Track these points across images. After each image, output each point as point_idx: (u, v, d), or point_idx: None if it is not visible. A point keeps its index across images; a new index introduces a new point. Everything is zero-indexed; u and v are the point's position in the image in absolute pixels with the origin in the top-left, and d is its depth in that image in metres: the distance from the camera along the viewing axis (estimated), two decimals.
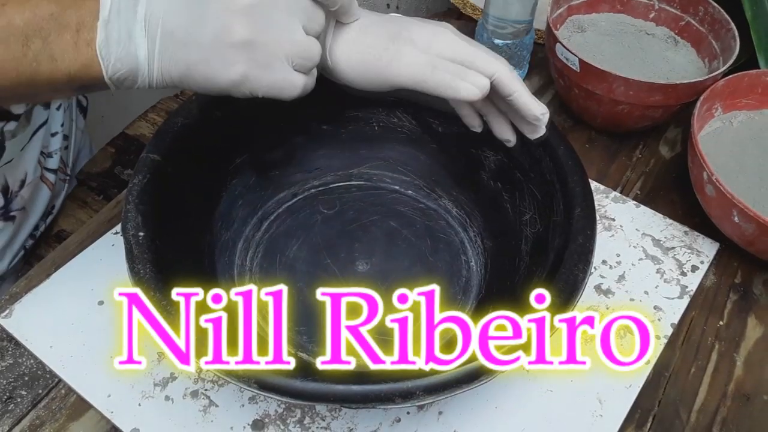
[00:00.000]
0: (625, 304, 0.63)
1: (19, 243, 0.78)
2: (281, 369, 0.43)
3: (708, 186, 0.63)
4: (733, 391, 0.58)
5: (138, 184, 0.52)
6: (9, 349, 0.58)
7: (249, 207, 0.65)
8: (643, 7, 0.82)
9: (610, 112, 0.74)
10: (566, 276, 0.49)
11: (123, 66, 0.44)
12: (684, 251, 0.67)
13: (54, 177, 0.82)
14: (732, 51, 0.73)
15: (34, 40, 0.42)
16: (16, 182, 0.75)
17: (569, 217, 0.54)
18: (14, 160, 0.74)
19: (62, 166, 0.85)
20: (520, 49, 0.80)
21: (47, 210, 0.82)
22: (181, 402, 0.55)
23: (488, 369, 0.44)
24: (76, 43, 0.43)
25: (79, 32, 0.43)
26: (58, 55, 0.43)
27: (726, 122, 0.73)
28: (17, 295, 0.61)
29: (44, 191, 0.81)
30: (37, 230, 0.81)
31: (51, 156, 0.82)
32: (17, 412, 0.54)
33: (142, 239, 0.49)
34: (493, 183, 0.65)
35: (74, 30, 0.43)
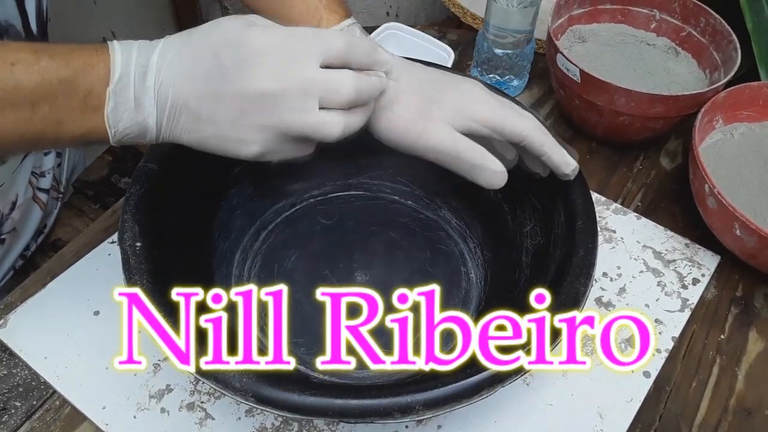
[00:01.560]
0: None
1: (8, 264, 0.77)
2: (279, 381, 0.43)
3: (709, 198, 0.62)
4: (734, 406, 0.58)
5: (135, 194, 0.52)
6: (3, 360, 0.57)
7: (247, 217, 0.65)
8: (644, 17, 0.82)
9: (611, 123, 0.74)
10: (568, 289, 0.49)
11: (131, 131, 0.45)
12: (685, 264, 0.67)
13: (46, 196, 0.81)
14: (733, 62, 0.72)
15: (41, 105, 0.42)
16: (6, 205, 0.74)
17: (571, 229, 0.53)
18: (5, 184, 0.73)
19: (55, 185, 0.83)
20: (520, 59, 0.80)
21: (39, 229, 0.81)
22: (176, 414, 0.54)
23: (488, 382, 0.44)
24: (83, 108, 0.43)
25: (87, 99, 0.43)
26: (65, 119, 0.43)
27: (727, 134, 0.72)
28: (12, 305, 0.60)
29: (36, 211, 0.80)
30: (28, 250, 0.80)
31: (44, 176, 0.80)
32: (11, 424, 0.54)
33: (139, 249, 0.48)
34: (493, 194, 0.64)
35: (82, 96, 0.43)
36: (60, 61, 0.42)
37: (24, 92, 0.41)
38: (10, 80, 0.41)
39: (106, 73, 0.43)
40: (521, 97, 0.84)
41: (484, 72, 0.82)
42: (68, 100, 0.42)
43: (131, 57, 0.43)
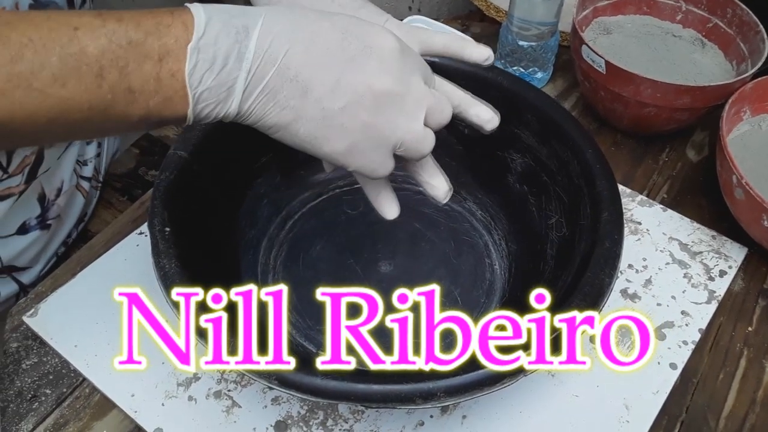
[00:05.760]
0: (652, 309, 0.62)
1: (52, 250, 0.79)
2: (303, 365, 0.43)
3: (737, 190, 0.62)
4: (762, 398, 0.57)
5: (165, 180, 0.52)
6: (34, 348, 0.58)
7: (273, 206, 0.65)
8: (670, 8, 0.82)
9: (636, 115, 0.73)
10: (592, 280, 0.49)
11: (210, 97, 0.40)
12: (712, 256, 0.66)
13: (88, 185, 0.83)
14: (761, 53, 0.71)
15: (109, 71, 0.37)
16: (52, 191, 0.75)
17: (596, 221, 0.53)
18: (51, 168, 0.74)
19: (95, 174, 0.85)
20: (544, 51, 0.80)
21: (80, 217, 0.82)
22: (204, 402, 0.55)
23: (511, 371, 0.44)
24: (158, 74, 0.38)
25: (163, 62, 0.38)
26: (137, 88, 0.38)
27: (755, 125, 0.72)
28: (42, 294, 0.61)
29: (79, 199, 0.81)
30: (70, 237, 0.81)
31: (86, 164, 0.83)
32: (41, 411, 0.55)
33: (168, 234, 0.49)
34: (519, 186, 0.64)
35: (156, 59, 0.38)
36: (129, 24, 0.37)
37: (90, 58, 0.36)
38: (74, 45, 0.36)
39: (185, 31, 0.38)
40: (546, 90, 0.84)
41: (508, 64, 0.81)
42: (140, 65, 0.37)
43: (218, 15, 0.39)
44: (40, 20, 0.36)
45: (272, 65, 0.40)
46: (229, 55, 0.39)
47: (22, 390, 0.56)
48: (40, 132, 0.38)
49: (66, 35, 0.36)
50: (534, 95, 0.61)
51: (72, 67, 0.36)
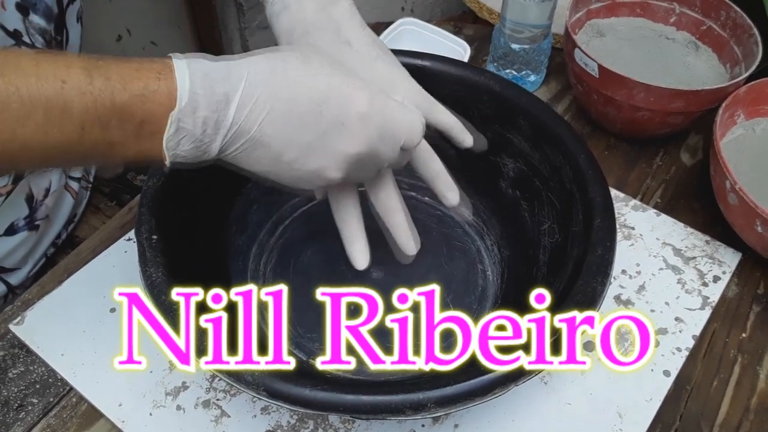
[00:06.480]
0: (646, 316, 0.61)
1: (41, 251, 0.78)
2: (291, 376, 0.43)
3: (731, 195, 0.61)
4: (756, 405, 0.57)
5: (152, 187, 0.52)
6: (20, 357, 0.57)
7: (264, 211, 0.65)
8: (664, 11, 0.81)
9: (629, 119, 0.73)
10: (584, 288, 0.49)
11: (188, 155, 0.42)
12: (705, 261, 0.66)
13: (77, 185, 0.82)
14: (754, 56, 0.71)
15: (92, 127, 0.38)
16: (40, 191, 0.75)
17: (588, 227, 0.53)
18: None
19: (85, 174, 0.84)
20: (537, 53, 0.79)
21: (69, 218, 0.82)
22: (192, 412, 0.54)
23: (502, 381, 0.43)
24: (139, 132, 0.40)
25: (144, 124, 0.39)
26: (117, 141, 0.39)
27: (749, 129, 0.71)
28: (29, 302, 0.60)
29: (68, 200, 0.81)
30: (59, 238, 0.81)
31: None
32: (28, 420, 0.54)
33: (156, 242, 0.48)
34: (511, 191, 0.64)
35: (138, 121, 0.39)
36: (116, 84, 0.38)
37: (74, 116, 0.38)
38: (59, 100, 0.37)
39: (168, 98, 0.39)
40: (538, 93, 0.83)
41: (501, 67, 0.81)
42: (122, 124, 0.39)
43: (201, 80, 0.40)
44: (28, 66, 0.37)
45: (247, 134, 0.42)
46: (207, 125, 0.41)
47: (8, 399, 0.55)
48: (17, 167, 0.41)
49: (52, 88, 0.37)
50: (526, 100, 0.60)
51: (56, 121, 0.37)
